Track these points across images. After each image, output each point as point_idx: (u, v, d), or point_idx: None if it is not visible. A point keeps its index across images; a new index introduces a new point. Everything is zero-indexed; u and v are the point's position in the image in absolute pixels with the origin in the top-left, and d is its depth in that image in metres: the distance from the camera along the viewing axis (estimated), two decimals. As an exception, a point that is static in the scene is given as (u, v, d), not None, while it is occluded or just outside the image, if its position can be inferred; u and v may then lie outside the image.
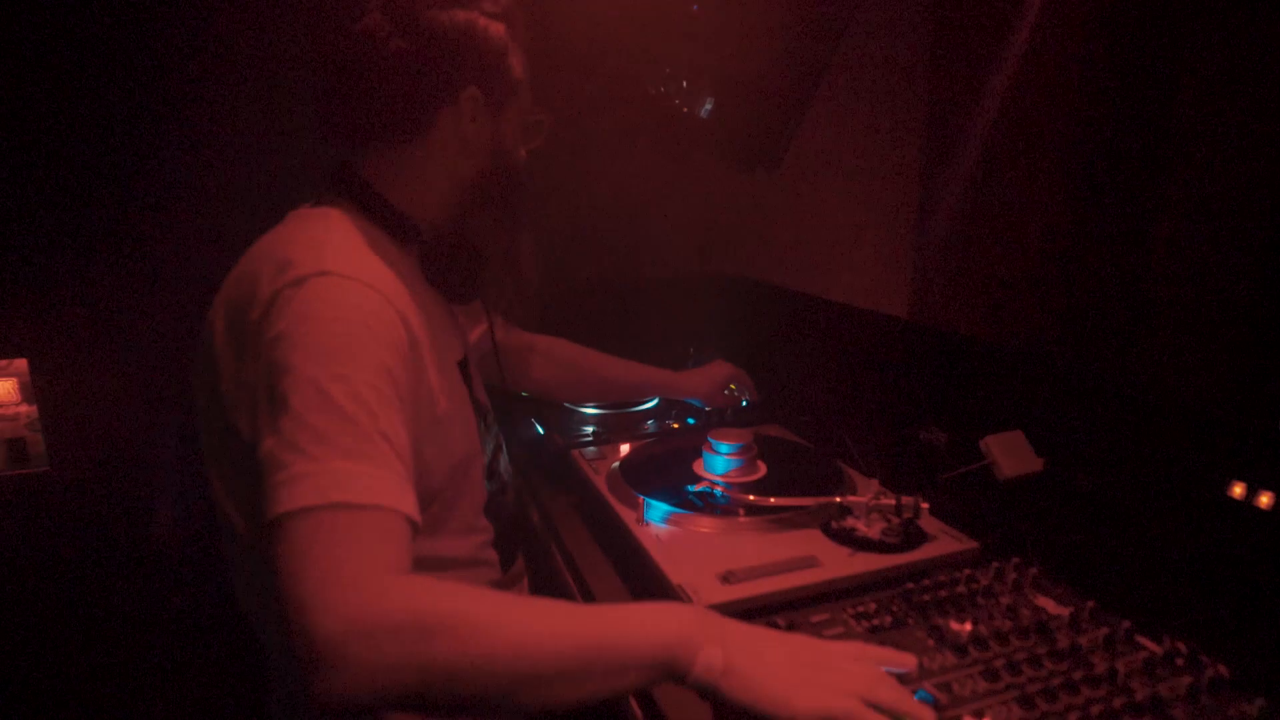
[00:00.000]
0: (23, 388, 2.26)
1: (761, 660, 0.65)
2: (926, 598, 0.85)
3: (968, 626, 0.79)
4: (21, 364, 2.24)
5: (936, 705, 0.68)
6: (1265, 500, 1.05)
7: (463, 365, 1.02)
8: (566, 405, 1.56)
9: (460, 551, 0.95)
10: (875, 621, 0.82)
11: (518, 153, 1.01)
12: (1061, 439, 1.26)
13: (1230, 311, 1.47)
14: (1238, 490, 1.08)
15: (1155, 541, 1.07)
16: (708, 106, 2.32)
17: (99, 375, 2.22)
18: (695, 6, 2.16)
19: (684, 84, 2.36)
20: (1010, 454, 1.29)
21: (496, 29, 0.90)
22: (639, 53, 2.16)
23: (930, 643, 0.78)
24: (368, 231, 0.88)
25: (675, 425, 1.44)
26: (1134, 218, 1.61)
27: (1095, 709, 0.67)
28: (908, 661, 0.71)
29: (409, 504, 0.67)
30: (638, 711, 0.81)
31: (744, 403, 1.50)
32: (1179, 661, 0.74)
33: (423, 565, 0.84)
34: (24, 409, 2.28)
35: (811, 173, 2.16)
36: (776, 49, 1.96)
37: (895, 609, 0.84)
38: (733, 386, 1.47)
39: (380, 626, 0.56)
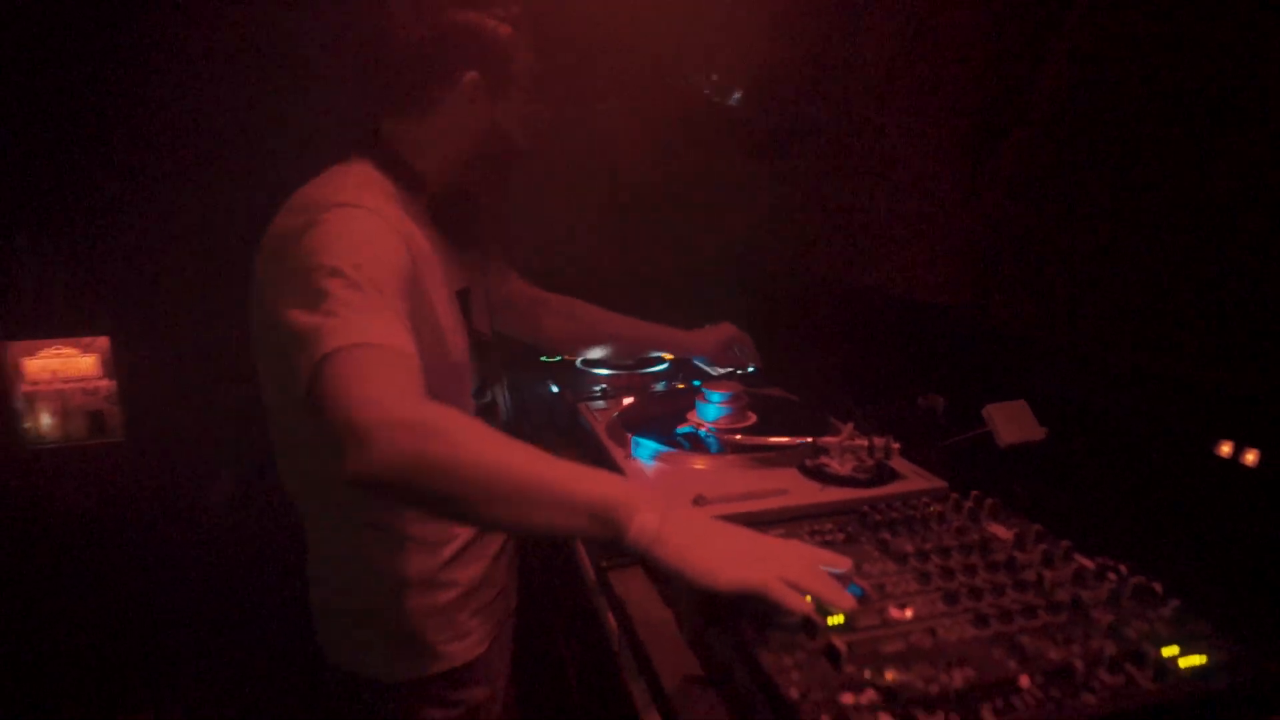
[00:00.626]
0: (104, 364, 2.47)
1: (694, 535, 0.72)
2: (879, 518, 0.89)
3: (913, 543, 0.83)
4: (104, 342, 2.45)
5: (864, 598, 0.73)
6: (1250, 458, 1.06)
7: (462, 294, 1.17)
8: (580, 366, 1.65)
9: None
10: (828, 537, 0.87)
11: (514, 136, 1.16)
12: (1063, 409, 1.28)
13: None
14: (1225, 449, 1.09)
15: (1135, 494, 1.09)
16: (737, 96, 2.39)
17: (170, 353, 2.41)
18: None
19: (713, 76, 2.44)
20: (1012, 422, 1.31)
21: (503, 29, 1.08)
22: (674, 45, 2.25)
23: (874, 553, 0.83)
24: (382, 181, 1.06)
25: (681, 386, 1.51)
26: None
27: (1015, 606, 0.71)
28: (843, 563, 0.76)
29: (413, 350, 0.83)
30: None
31: (751, 369, 1.56)
32: (1110, 575, 0.77)
33: None
34: (104, 384, 2.49)
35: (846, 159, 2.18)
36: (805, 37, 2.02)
37: (850, 529, 0.89)
38: (738, 350, 1.53)
39: (398, 423, 0.73)
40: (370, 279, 0.85)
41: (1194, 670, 0.64)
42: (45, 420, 2.52)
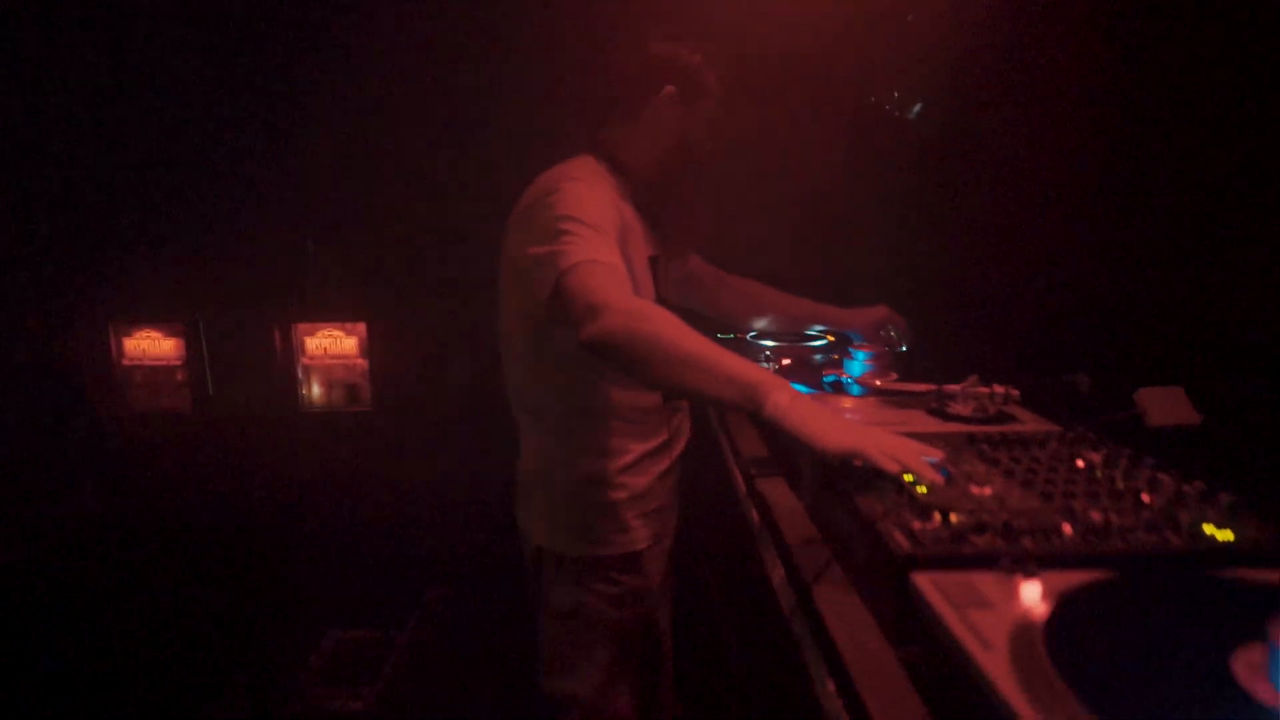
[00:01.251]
0: (361, 346, 3.03)
1: (815, 412, 0.96)
2: (983, 442, 1.06)
3: (1009, 456, 1.00)
4: (362, 327, 3.01)
5: (950, 478, 0.92)
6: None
7: (653, 260, 1.47)
8: (749, 340, 1.89)
9: (633, 398, 1.41)
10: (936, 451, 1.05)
11: (701, 140, 1.45)
12: (1224, 399, 1.31)
13: None
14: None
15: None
16: (917, 109, 2.55)
17: (411, 340, 2.93)
18: (910, 18, 2.43)
19: (895, 93, 2.62)
20: (1164, 406, 1.36)
21: (695, 57, 1.40)
22: (861, 65, 2.46)
23: (972, 457, 1.00)
24: (599, 169, 1.41)
25: (836, 357, 1.70)
26: None
27: (1081, 490, 0.86)
28: (937, 453, 0.95)
29: (627, 274, 1.17)
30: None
31: (902, 348, 1.72)
32: (1184, 487, 0.89)
33: (603, 406, 1.36)
34: (360, 362, 3.05)
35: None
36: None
37: (955, 444, 1.06)
38: (892, 331, 1.70)
39: (619, 307, 1.06)
40: (596, 224, 1.18)
41: (1224, 542, 0.76)
42: (316, 389, 3.11)
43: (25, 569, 1.53)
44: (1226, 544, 0.76)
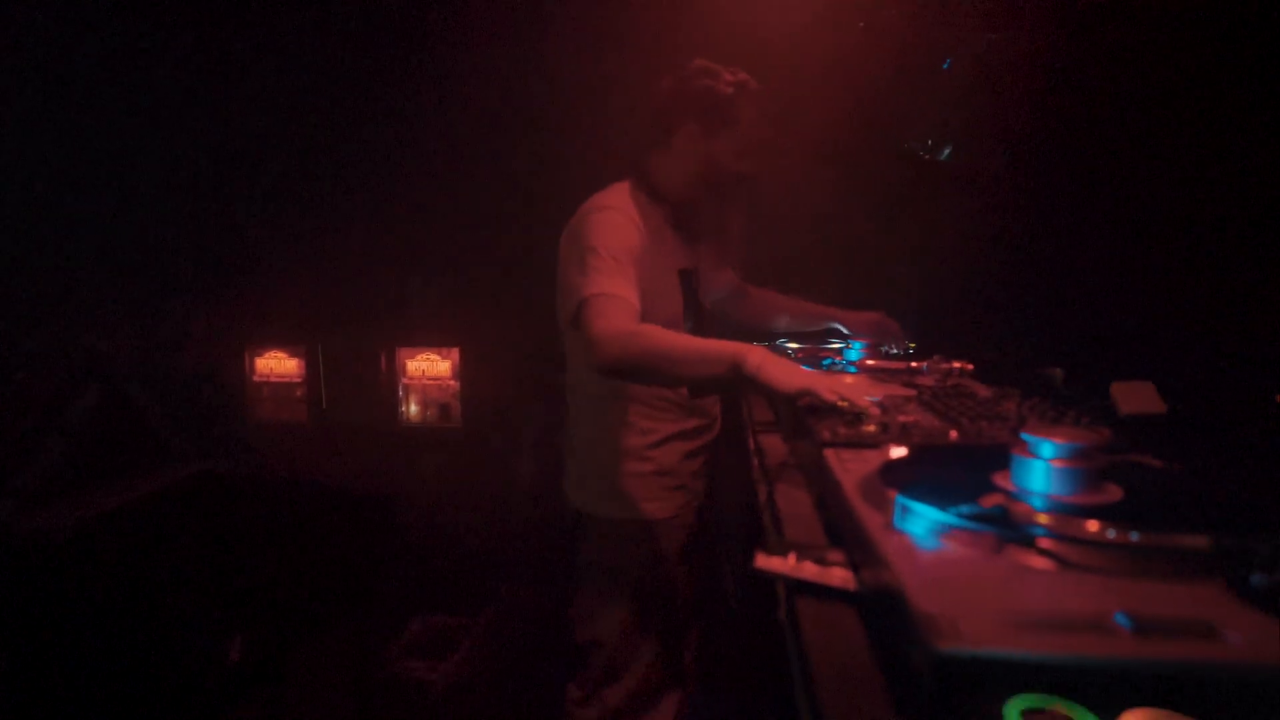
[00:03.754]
0: (454, 369, 3.43)
1: (779, 364, 1.26)
2: (927, 393, 1.30)
3: (941, 400, 1.24)
4: (455, 352, 3.42)
5: (883, 408, 1.17)
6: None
7: (683, 273, 1.70)
8: (776, 344, 2.16)
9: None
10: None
11: (730, 167, 1.61)
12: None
13: None
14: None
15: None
16: (947, 151, 2.81)
17: (499, 365, 3.30)
18: (946, 64, 2.71)
19: (929, 141, 2.89)
20: (1134, 398, 1.56)
21: (726, 90, 1.57)
22: (899, 114, 2.75)
23: (913, 403, 1.25)
24: (636, 194, 1.63)
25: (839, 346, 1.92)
26: None
27: (980, 411, 1.11)
28: (876, 392, 1.22)
29: (635, 300, 1.42)
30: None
31: (910, 349, 1.94)
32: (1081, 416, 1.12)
33: (634, 391, 1.64)
34: (453, 384, 3.45)
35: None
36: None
37: (906, 397, 1.31)
38: (892, 341, 1.92)
39: (613, 338, 1.34)
40: (614, 254, 1.44)
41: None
42: (413, 407, 3.51)
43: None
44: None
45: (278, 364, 3.55)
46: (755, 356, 1.25)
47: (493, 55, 2.95)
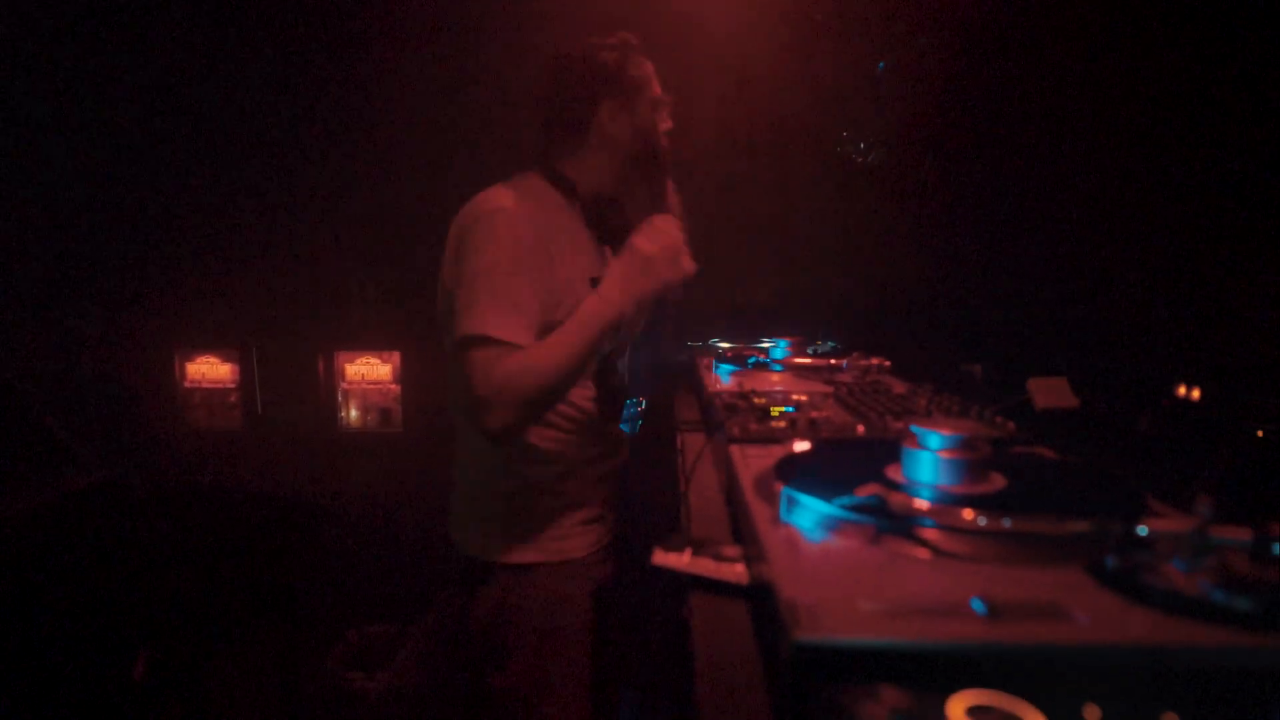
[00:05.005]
0: (395, 373, 3.37)
1: (623, 274, 1.25)
2: (843, 390, 1.31)
3: (854, 395, 1.25)
4: (396, 356, 3.35)
5: (797, 407, 1.17)
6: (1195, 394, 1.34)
7: (594, 281, 1.39)
8: (708, 343, 2.17)
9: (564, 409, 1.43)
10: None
11: (654, 128, 1.41)
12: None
13: None
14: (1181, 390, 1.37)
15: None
16: (877, 153, 2.86)
17: (442, 366, 3.23)
18: (881, 65, 2.76)
19: (861, 144, 2.94)
20: (1049, 392, 1.60)
21: (611, 55, 1.37)
22: (826, 115, 2.79)
23: (830, 400, 1.26)
24: (544, 189, 1.40)
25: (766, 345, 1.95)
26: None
27: (891, 407, 1.12)
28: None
29: (522, 338, 1.21)
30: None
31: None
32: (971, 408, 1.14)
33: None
34: (393, 388, 3.38)
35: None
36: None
37: (826, 394, 1.32)
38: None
39: (495, 400, 1.16)
40: (504, 270, 1.22)
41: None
42: (354, 412, 3.44)
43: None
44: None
45: (210, 369, 3.44)
46: (615, 292, 1.22)
47: (431, 56, 2.92)
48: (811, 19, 2.58)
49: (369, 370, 3.44)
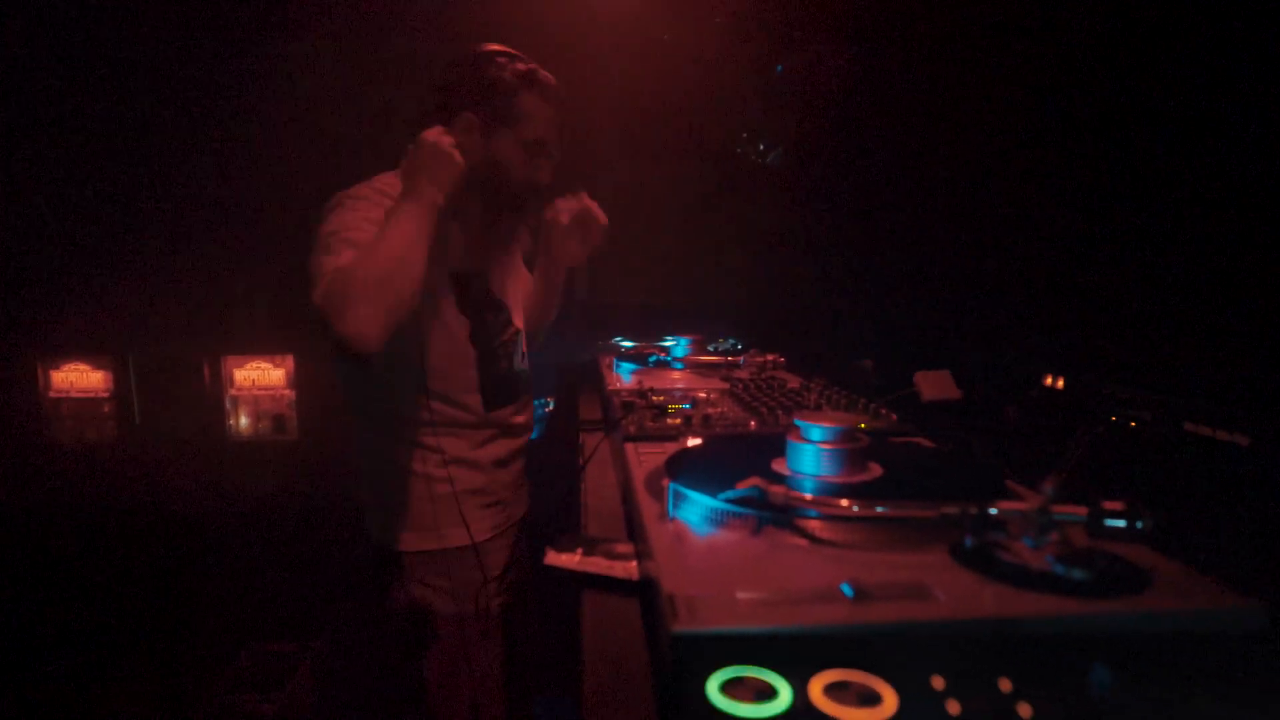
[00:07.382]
0: (289, 378, 3.22)
1: (415, 165, 1.23)
2: (739, 385, 1.35)
3: (749, 393, 1.28)
4: (290, 360, 3.21)
5: (694, 404, 1.19)
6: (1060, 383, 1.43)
7: (457, 276, 1.43)
8: (613, 341, 2.18)
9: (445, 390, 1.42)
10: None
11: (514, 165, 1.37)
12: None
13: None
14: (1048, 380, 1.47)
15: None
16: (776, 154, 2.94)
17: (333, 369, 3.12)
18: (779, 69, 2.83)
19: (760, 146, 3.01)
20: (934, 385, 1.69)
21: (507, 77, 1.33)
22: (727, 117, 2.84)
23: (727, 396, 1.29)
24: (395, 185, 1.31)
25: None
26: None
27: (783, 401, 1.15)
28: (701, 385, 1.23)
29: None
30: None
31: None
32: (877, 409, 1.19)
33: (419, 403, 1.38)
34: (287, 393, 3.24)
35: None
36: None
37: (723, 391, 1.34)
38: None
39: (342, 285, 1.12)
40: (349, 238, 1.22)
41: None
42: (243, 420, 3.27)
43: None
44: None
45: (80, 377, 3.20)
46: (423, 185, 1.21)
47: (320, 50, 2.81)
48: (712, 22, 2.62)
49: (260, 375, 3.28)
